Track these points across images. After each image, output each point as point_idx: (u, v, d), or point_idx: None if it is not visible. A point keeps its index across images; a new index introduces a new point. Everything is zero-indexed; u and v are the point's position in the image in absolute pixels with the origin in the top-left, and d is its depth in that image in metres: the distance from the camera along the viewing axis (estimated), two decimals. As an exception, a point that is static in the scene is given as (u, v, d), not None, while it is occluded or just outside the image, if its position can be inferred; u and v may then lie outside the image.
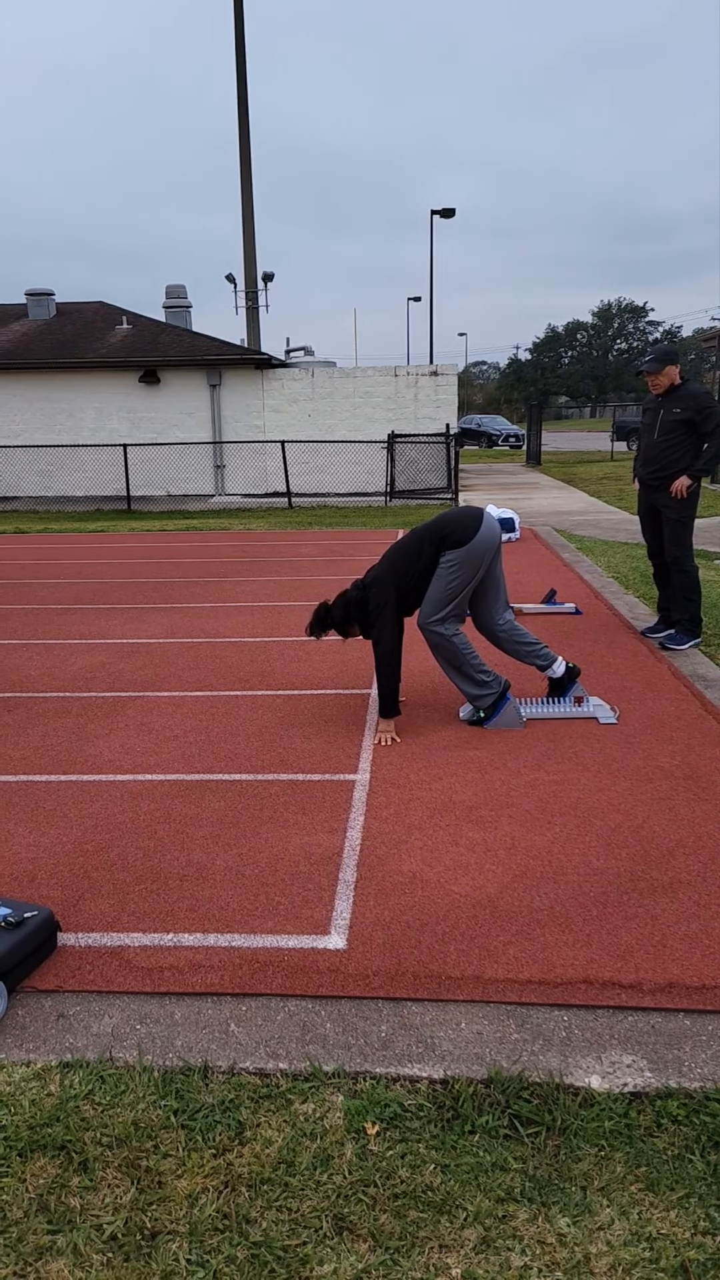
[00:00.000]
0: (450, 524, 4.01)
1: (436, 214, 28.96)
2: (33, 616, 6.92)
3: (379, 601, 4.00)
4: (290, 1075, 1.97)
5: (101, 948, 2.45)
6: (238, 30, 19.61)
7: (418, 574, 4.03)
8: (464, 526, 3.97)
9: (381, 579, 4.04)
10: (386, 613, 4.00)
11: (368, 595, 4.05)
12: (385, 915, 2.55)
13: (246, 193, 20.31)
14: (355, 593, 4.09)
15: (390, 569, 4.05)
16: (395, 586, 4.02)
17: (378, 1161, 1.75)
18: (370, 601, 4.02)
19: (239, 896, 2.68)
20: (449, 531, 3.99)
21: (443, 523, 4.05)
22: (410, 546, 4.06)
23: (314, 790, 3.45)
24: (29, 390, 18.74)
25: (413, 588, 4.06)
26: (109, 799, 3.43)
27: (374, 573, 4.10)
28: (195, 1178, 1.73)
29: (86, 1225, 1.64)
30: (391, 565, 4.06)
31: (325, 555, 10.00)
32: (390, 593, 4.00)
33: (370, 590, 4.04)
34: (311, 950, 2.40)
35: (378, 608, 4.00)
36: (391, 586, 4.01)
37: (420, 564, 4.02)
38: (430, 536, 4.03)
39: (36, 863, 2.93)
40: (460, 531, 3.96)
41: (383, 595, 4.00)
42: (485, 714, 4.09)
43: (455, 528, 3.98)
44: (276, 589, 7.84)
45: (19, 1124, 1.87)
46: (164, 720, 4.34)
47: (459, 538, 3.95)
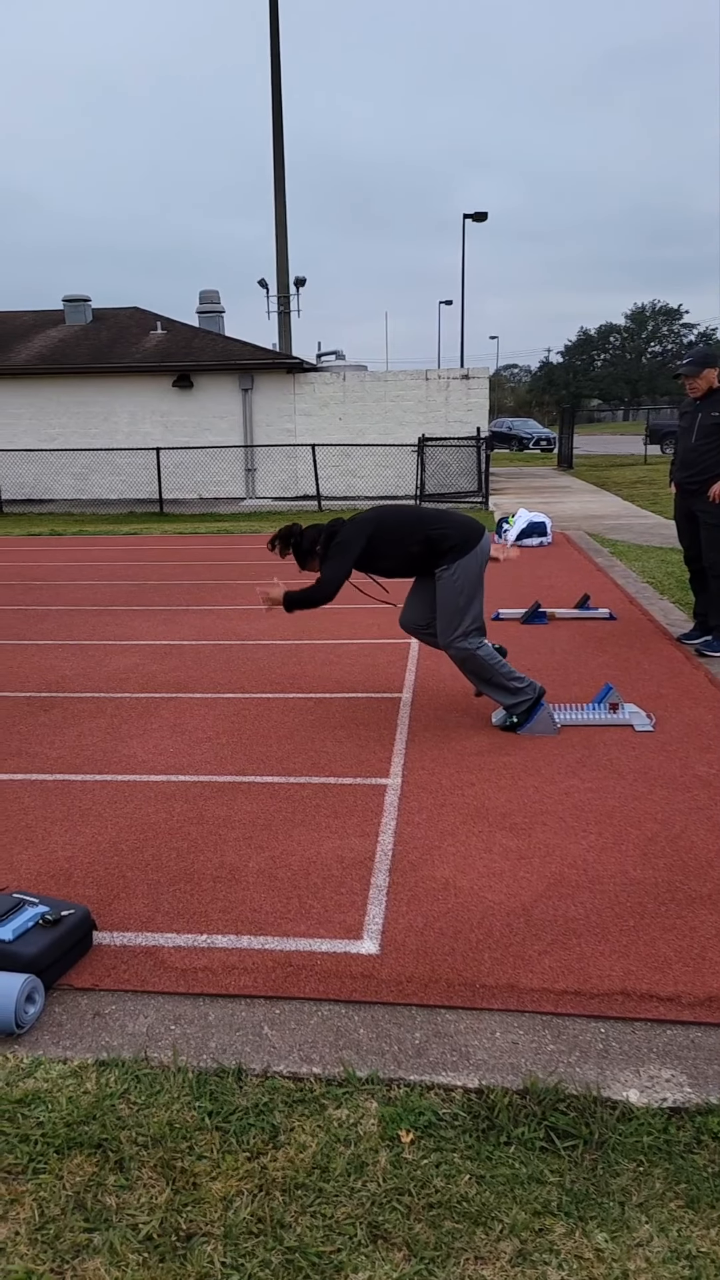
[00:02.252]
0: (453, 526, 3.97)
1: (469, 218, 28.92)
2: (68, 617, 7.00)
3: (347, 538, 3.95)
4: (324, 1080, 1.97)
5: (136, 947, 2.47)
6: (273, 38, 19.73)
7: (395, 542, 3.98)
8: (466, 536, 3.95)
9: (360, 523, 4.00)
10: (348, 555, 3.93)
11: (339, 529, 4.02)
12: (418, 921, 2.54)
13: (280, 198, 20.42)
14: (332, 526, 4.06)
15: (374, 521, 4.00)
16: (369, 537, 3.97)
17: (412, 1170, 1.74)
18: (339, 536, 3.98)
19: (271, 899, 2.69)
20: (450, 534, 3.94)
21: (445, 521, 4.00)
22: (404, 518, 4.01)
23: (345, 794, 3.45)
24: (65, 394, 18.99)
25: (383, 552, 4.00)
26: (143, 799, 3.45)
27: (356, 517, 4.05)
28: (230, 1180, 1.73)
29: (122, 1224, 1.65)
30: (377, 519, 4.00)
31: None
32: (361, 540, 3.95)
33: (345, 527, 4.01)
34: (344, 955, 2.39)
35: (342, 544, 3.94)
36: (365, 536, 3.96)
37: (402, 536, 3.97)
38: (428, 523, 3.98)
39: (72, 861, 2.96)
40: (463, 541, 3.93)
41: (353, 536, 3.95)
42: (519, 720, 4.07)
43: (457, 533, 3.95)
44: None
45: (56, 1121, 1.88)
46: (196, 721, 4.36)
47: (461, 545, 3.93)
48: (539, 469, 25.55)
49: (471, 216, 28.84)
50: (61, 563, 10.15)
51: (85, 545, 11.82)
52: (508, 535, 10.32)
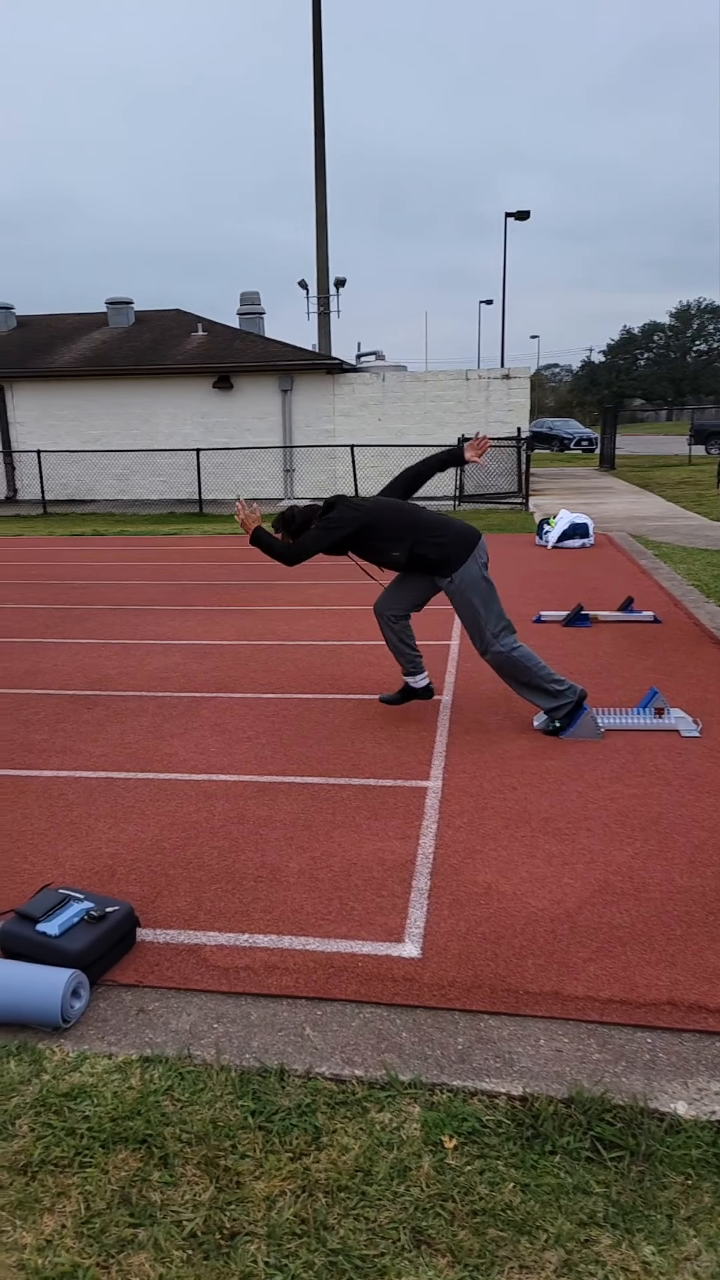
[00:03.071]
0: (445, 537, 3.95)
1: (511, 216, 28.74)
2: (111, 617, 7.09)
3: (338, 520, 3.93)
4: (366, 1083, 1.96)
5: (179, 945, 2.49)
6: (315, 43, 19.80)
7: (382, 541, 3.98)
8: (459, 547, 3.94)
9: (356, 511, 3.97)
10: (330, 535, 3.93)
11: (333, 507, 4.01)
12: (460, 926, 2.52)
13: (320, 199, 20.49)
14: (330, 502, 4.04)
15: (370, 514, 3.98)
16: (361, 527, 3.96)
17: (456, 1176, 1.73)
18: (332, 513, 3.96)
19: (313, 900, 2.69)
20: (440, 546, 3.93)
21: (438, 532, 3.96)
22: (398, 522, 3.97)
23: (386, 796, 3.44)
24: (108, 396, 19.24)
25: (370, 546, 4.01)
26: (184, 798, 3.48)
27: (361, 502, 4.03)
28: (273, 1180, 1.73)
29: (167, 1220, 1.66)
30: (373, 516, 3.97)
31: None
32: (350, 528, 3.94)
33: (339, 509, 3.98)
34: (386, 958, 2.39)
35: (331, 525, 3.93)
36: (356, 525, 3.95)
37: (390, 540, 3.97)
38: (419, 532, 3.95)
39: (116, 858, 3.00)
40: (457, 552, 3.93)
41: (345, 522, 3.94)
42: (561, 723, 4.03)
43: (449, 545, 3.93)
44: (346, 592, 7.87)
45: (101, 1115, 1.90)
46: (237, 721, 4.39)
47: (455, 556, 3.93)
48: (580, 469, 25.30)
49: (514, 215, 28.65)
50: (104, 563, 10.28)
51: (127, 545, 11.96)
52: (549, 536, 10.23)
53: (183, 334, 20.66)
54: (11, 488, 20.04)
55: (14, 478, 20.04)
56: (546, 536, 10.29)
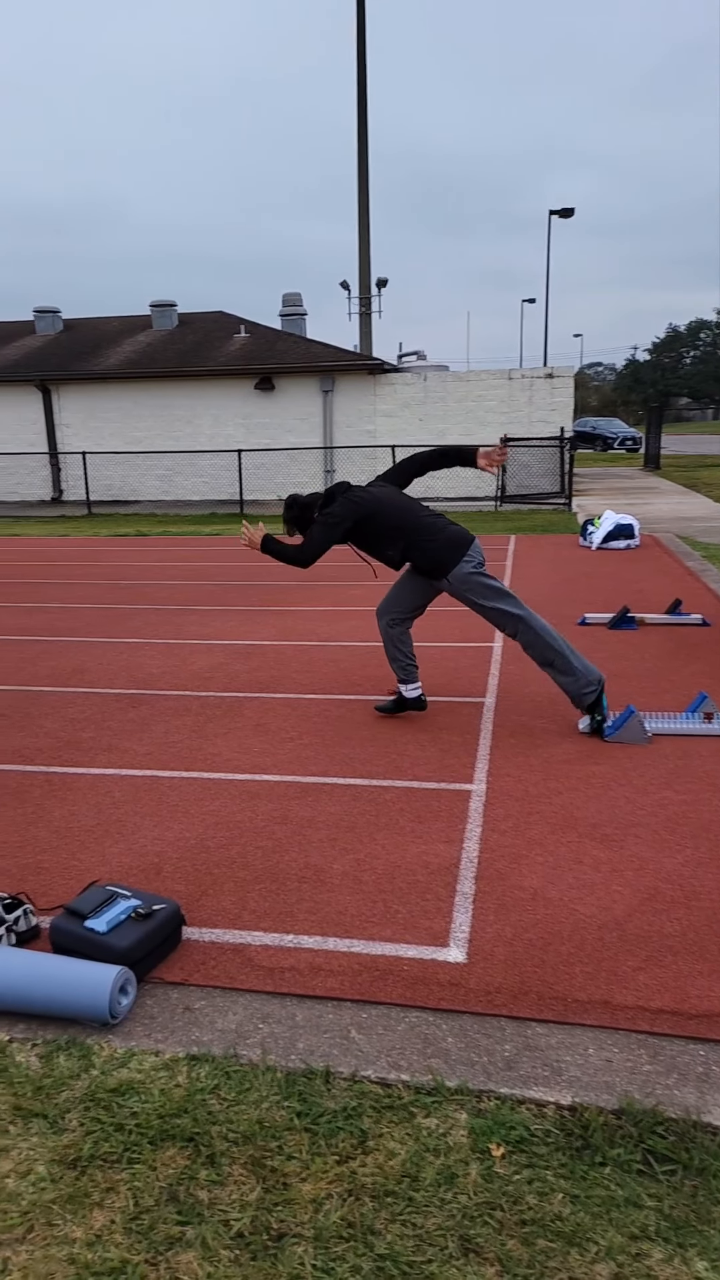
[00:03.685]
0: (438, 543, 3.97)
1: (555, 214, 28.48)
2: (154, 616, 7.16)
3: (337, 515, 3.97)
4: (413, 1088, 1.95)
5: (224, 944, 2.50)
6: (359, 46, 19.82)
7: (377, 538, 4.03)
8: (451, 552, 3.96)
9: (354, 504, 3.99)
10: (333, 531, 3.97)
11: (333, 498, 4.04)
12: (506, 931, 2.50)
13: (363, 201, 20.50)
14: (330, 492, 4.07)
15: (369, 506, 3.99)
16: (357, 520, 3.99)
17: (504, 1185, 1.72)
18: (331, 508, 3.99)
19: (357, 902, 2.69)
20: (430, 551, 3.97)
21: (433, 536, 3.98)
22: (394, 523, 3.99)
23: (429, 798, 3.42)
24: (152, 398, 19.47)
25: (365, 540, 4.06)
26: (228, 797, 3.50)
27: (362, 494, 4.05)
28: (320, 1183, 1.73)
29: (214, 1220, 1.67)
30: (371, 509, 3.99)
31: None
32: (348, 522, 3.98)
33: (338, 503, 4.00)
34: (431, 962, 2.37)
35: (330, 520, 3.97)
36: (354, 519, 3.98)
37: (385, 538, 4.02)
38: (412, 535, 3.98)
39: (161, 856, 3.02)
40: (449, 557, 3.96)
41: (344, 516, 3.97)
42: (595, 712, 4.00)
43: (441, 550, 3.96)
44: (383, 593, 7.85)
45: (149, 1112, 1.92)
46: (280, 721, 4.40)
47: (447, 560, 3.95)
48: (624, 469, 24.98)
49: (558, 213, 28.40)
50: (147, 563, 10.40)
51: (169, 545, 12.09)
52: (593, 537, 10.12)
53: (225, 336, 20.82)
54: (57, 489, 20.38)
55: (59, 479, 20.38)
56: (591, 537, 10.17)
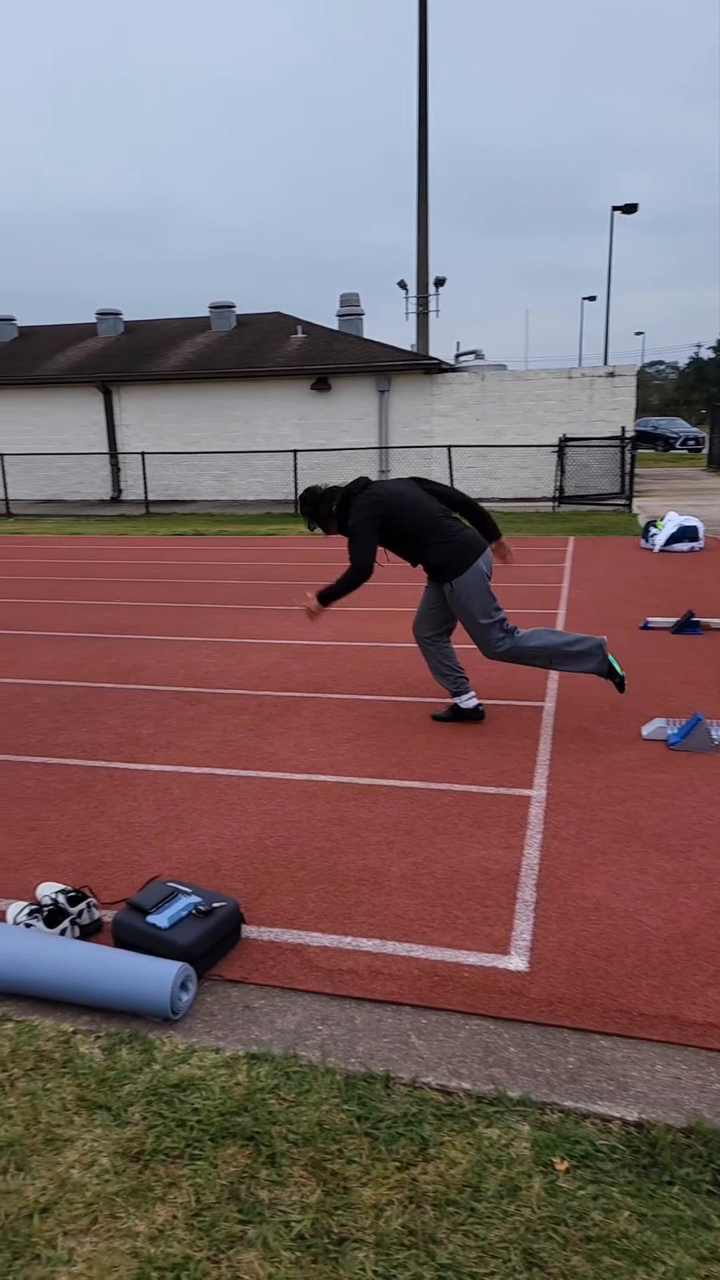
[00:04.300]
0: (449, 547, 4.04)
1: (618, 210, 28.04)
2: (211, 615, 7.24)
3: (362, 520, 4.04)
4: (474, 1096, 1.93)
5: (283, 944, 2.51)
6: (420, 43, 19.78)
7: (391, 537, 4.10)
8: (462, 556, 4.03)
9: (372, 503, 4.05)
10: (369, 532, 4.03)
11: (350, 500, 4.11)
12: (569, 941, 2.46)
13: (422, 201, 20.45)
14: (348, 490, 4.14)
15: (386, 505, 4.05)
16: (382, 516, 4.04)
17: (568, 1200, 1.69)
18: (355, 518, 4.07)
19: (416, 906, 2.67)
20: (441, 554, 4.04)
21: (445, 539, 4.04)
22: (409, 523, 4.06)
23: (488, 803, 3.39)
24: (210, 399, 19.71)
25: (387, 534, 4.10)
26: (286, 796, 3.51)
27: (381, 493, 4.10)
28: (380, 1188, 1.72)
29: (276, 1220, 1.67)
30: (389, 509, 4.04)
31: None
32: (376, 520, 4.04)
33: (357, 508, 4.06)
34: (492, 970, 2.35)
35: (360, 525, 4.03)
36: (378, 516, 4.04)
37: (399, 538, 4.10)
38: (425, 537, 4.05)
39: (220, 854, 3.05)
40: (459, 561, 4.02)
41: (368, 517, 4.03)
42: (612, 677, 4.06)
43: (452, 554, 4.03)
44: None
45: (210, 1109, 1.93)
46: (336, 722, 4.41)
47: (456, 565, 4.02)
48: (687, 470, 24.48)
49: (620, 208, 27.95)
50: (204, 562, 10.53)
51: (226, 545, 12.22)
52: (656, 539, 9.93)
53: (283, 337, 20.97)
54: (116, 488, 20.76)
55: (119, 479, 20.76)
56: (653, 539, 9.99)
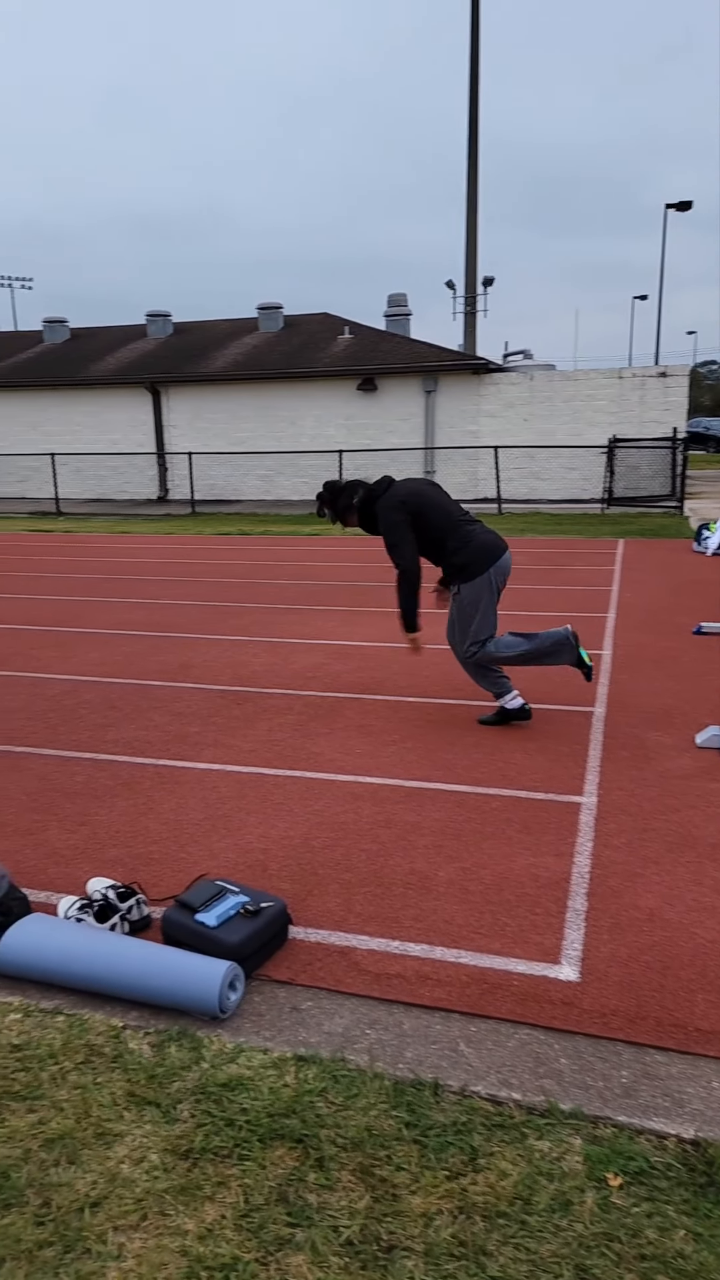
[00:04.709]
0: (470, 549, 4.07)
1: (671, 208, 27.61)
2: (256, 615, 7.28)
3: (393, 520, 4.08)
4: (525, 1107, 1.91)
5: (330, 946, 2.50)
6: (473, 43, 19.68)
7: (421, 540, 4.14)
8: (481, 559, 4.06)
9: (396, 503, 4.08)
10: (401, 530, 4.06)
11: (376, 502, 4.14)
12: (621, 952, 2.42)
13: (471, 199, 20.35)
14: (370, 492, 4.18)
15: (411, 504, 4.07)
16: (411, 514, 4.07)
17: (622, 1216, 1.65)
18: (386, 520, 4.09)
19: (464, 912, 2.65)
20: (463, 555, 4.06)
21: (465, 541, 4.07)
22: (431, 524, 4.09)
23: (537, 809, 3.35)
24: (256, 399, 19.84)
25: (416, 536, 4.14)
26: (331, 797, 3.51)
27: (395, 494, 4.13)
28: (430, 1197, 1.71)
29: (324, 1224, 1.66)
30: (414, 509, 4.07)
31: (539, 564, 9.79)
32: (406, 519, 4.07)
33: (383, 509, 4.09)
34: (542, 979, 2.32)
35: (393, 527, 4.07)
36: (406, 514, 4.07)
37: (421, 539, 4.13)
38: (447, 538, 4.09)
39: (267, 853, 3.05)
40: (478, 563, 4.07)
41: (399, 518, 4.07)
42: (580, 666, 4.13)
43: (472, 556, 4.06)
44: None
45: (259, 1110, 1.93)
46: (382, 724, 4.40)
47: (474, 566, 4.06)
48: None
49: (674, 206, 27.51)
50: (249, 561, 10.59)
51: (270, 545, 12.28)
52: (709, 543, 9.75)
53: (330, 337, 21.03)
54: (163, 488, 21.01)
55: (165, 478, 21.00)
56: (706, 543, 9.80)
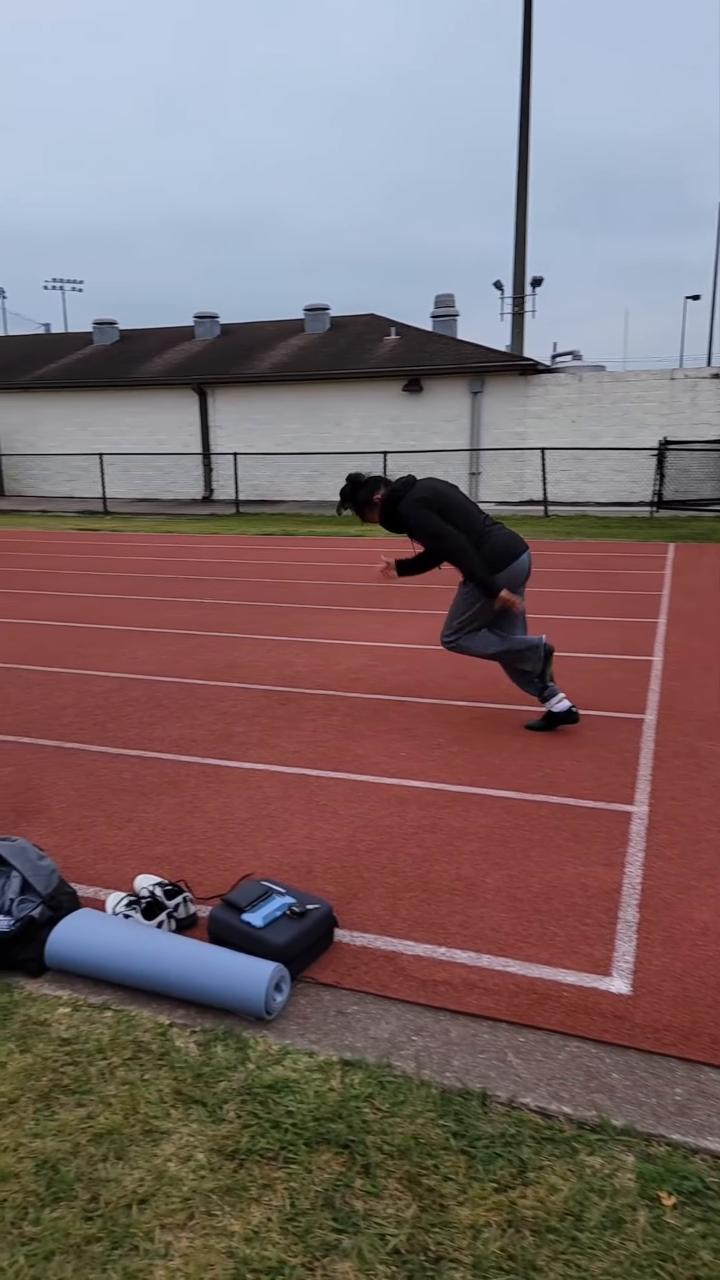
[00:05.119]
0: (488, 548, 4.07)
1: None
2: (300, 615, 7.30)
3: (422, 516, 4.08)
4: (575, 1122, 1.87)
5: (376, 950, 2.49)
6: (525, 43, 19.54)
7: None
8: (495, 559, 4.06)
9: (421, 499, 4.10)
10: (435, 521, 4.07)
11: (400, 500, 4.13)
12: (675, 966, 2.36)
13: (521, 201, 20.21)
14: (393, 492, 4.18)
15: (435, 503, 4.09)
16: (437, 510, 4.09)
17: (675, 1237, 1.61)
18: (410, 519, 4.10)
19: (512, 920, 2.62)
20: (485, 556, 4.07)
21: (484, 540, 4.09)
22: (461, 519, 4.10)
23: (586, 817, 3.30)
24: (302, 400, 19.93)
25: None
26: (376, 800, 3.50)
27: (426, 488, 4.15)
28: (478, 1209, 1.68)
29: (371, 1232, 1.65)
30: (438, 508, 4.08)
31: (585, 567, 9.67)
32: (434, 512, 4.09)
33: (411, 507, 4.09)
34: (593, 991, 2.28)
35: (425, 522, 4.08)
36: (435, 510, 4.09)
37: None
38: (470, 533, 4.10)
39: (312, 855, 3.05)
40: (492, 563, 4.06)
41: (424, 510, 4.08)
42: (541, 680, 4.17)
43: (492, 555, 4.07)
44: (534, 600, 7.68)
45: (304, 1113, 1.93)
46: (427, 727, 4.37)
47: (491, 565, 4.07)
48: (788, 476, 23.44)
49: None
50: (293, 562, 10.63)
51: (314, 545, 12.32)
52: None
53: (376, 339, 21.04)
54: (208, 488, 21.21)
55: (210, 479, 21.20)
56: (754, 548, 9.59)
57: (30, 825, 3.29)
